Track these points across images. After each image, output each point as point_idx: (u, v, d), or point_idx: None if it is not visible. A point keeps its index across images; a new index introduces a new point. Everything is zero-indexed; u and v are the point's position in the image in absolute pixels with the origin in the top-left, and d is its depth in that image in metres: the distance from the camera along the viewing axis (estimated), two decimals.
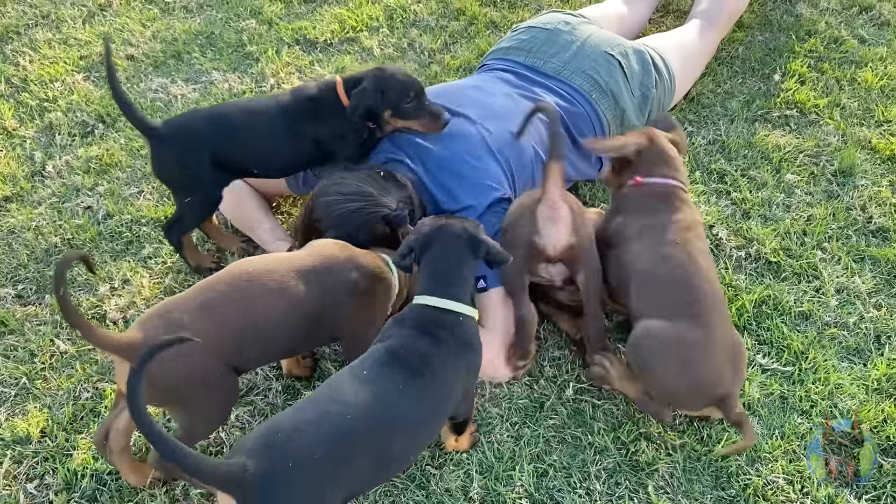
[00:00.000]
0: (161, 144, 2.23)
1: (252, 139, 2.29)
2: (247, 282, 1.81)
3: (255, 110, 2.31)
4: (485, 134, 2.32)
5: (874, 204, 2.68)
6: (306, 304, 1.85)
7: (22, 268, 2.54)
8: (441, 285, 1.78)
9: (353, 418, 1.53)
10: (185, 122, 2.29)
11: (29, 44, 3.43)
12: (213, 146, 2.25)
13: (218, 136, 2.26)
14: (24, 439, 2.10)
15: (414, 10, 3.56)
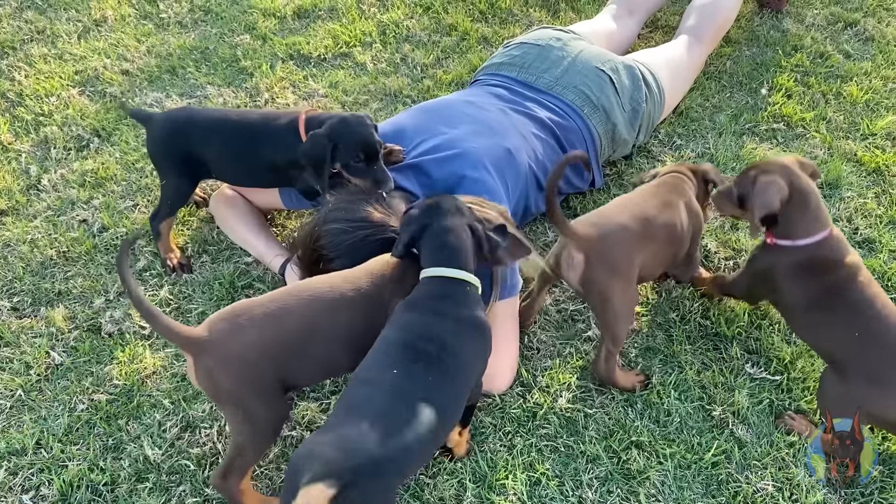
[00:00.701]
0: (151, 128, 2.48)
1: (221, 148, 2.41)
2: (309, 298, 1.82)
3: (235, 123, 2.41)
4: (480, 150, 2.34)
5: (860, 215, 2.73)
6: (365, 322, 1.84)
7: (17, 280, 2.55)
8: (446, 256, 1.80)
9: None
10: (177, 115, 2.50)
11: (24, 59, 3.45)
12: (189, 143, 2.42)
13: (194, 136, 2.42)
14: (19, 451, 2.10)
15: (406, 25, 3.61)
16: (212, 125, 2.42)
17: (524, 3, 3.74)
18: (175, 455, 2.09)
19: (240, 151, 2.39)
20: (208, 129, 2.41)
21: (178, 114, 2.51)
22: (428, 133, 2.40)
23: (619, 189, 2.83)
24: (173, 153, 2.44)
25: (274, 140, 2.35)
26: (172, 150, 2.44)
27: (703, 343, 2.35)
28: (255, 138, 2.37)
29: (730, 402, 2.18)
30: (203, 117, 2.46)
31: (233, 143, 2.39)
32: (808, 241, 2.07)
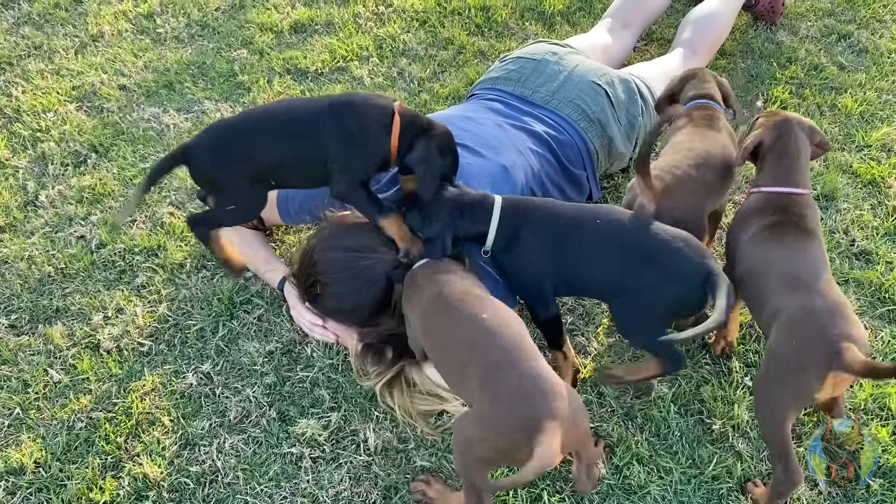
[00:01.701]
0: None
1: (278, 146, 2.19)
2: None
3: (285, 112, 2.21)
4: (474, 168, 2.33)
5: (856, 227, 2.74)
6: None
7: (15, 297, 2.54)
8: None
9: None
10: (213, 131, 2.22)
11: (21, 74, 3.46)
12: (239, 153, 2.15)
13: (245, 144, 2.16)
14: (17, 470, 2.10)
15: (403, 39, 3.62)
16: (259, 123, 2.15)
17: (520, 16, 3.76)
18: (175, 473, 2.09)
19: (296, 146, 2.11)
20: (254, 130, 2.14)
21: (215, 130, 2.19)
22: None
23: (617, 202, 2.84)
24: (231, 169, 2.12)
25: (354, 131, 2.08)
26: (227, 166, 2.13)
27: (701, 356, 2.36)
28: (316, 128, 2.08)
29: (729, 415, 2.18)
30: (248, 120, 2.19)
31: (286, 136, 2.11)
32: (773, 189, 2.10)
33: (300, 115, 2.11)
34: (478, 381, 1.73)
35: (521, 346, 1.76)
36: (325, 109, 2.08)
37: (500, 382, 1.69)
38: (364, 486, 2.07)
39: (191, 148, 2.12)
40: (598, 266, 2.03)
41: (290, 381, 2.30)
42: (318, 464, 2.11)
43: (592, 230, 2.05)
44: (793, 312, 1.85)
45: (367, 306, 2.15)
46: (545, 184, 2.51)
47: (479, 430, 1.71)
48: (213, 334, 2.42)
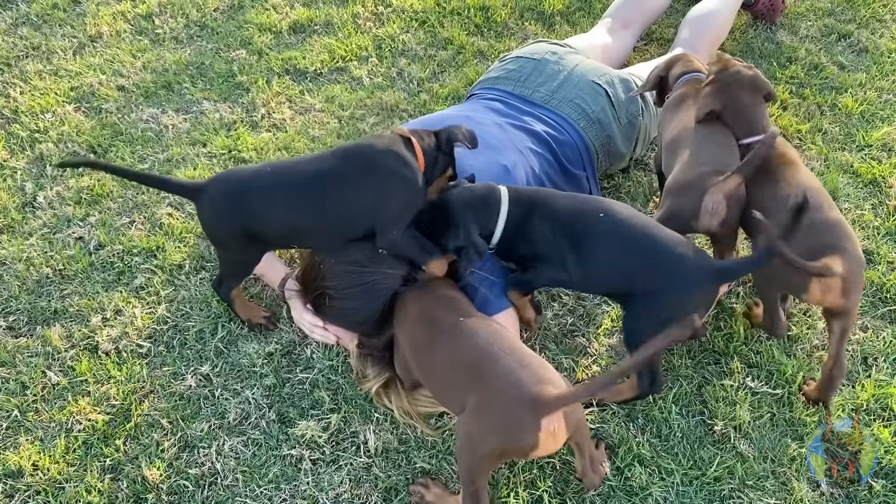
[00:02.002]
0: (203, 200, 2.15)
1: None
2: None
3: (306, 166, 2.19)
4: (476, 167, 2.32)
5: (857, 227, 2.73)
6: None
7: (13, 299, 2.53)
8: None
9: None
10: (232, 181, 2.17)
11: (19, 75, 3.44)
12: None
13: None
14: (15, 472, 2.08)
15: (402, 39, 3.61)
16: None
17: (519, 16, 3.75)
18: (174, 475, 2.08)
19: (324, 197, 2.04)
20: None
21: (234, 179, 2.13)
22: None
23: None
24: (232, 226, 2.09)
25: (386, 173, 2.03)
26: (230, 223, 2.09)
27: (703, 357, 2.35)
28: (344, 177, 2.04)
29: (731, 416, 2.17)
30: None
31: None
32: (743, 142, 2.31)
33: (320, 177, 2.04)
34: (468, 379, 1.79)
35: (502, 339, 1.84)
36: (343, 165, 2.05)
37: (489, 375, 1.76)
38: (364, 487, 2.05)
39: (203, 192, 2.10)
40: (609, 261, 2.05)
41: (289, 383, 2.29)
42: (318, 466, 2.10)
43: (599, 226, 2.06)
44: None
45: (374, 319, 2.15)
46: (545, 184, 2.50)
47: (480, 423, 1.73)
48: (213, 336, 2.41)
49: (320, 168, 2.05)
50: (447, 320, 1.94)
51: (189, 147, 3.07)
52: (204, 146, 3.08)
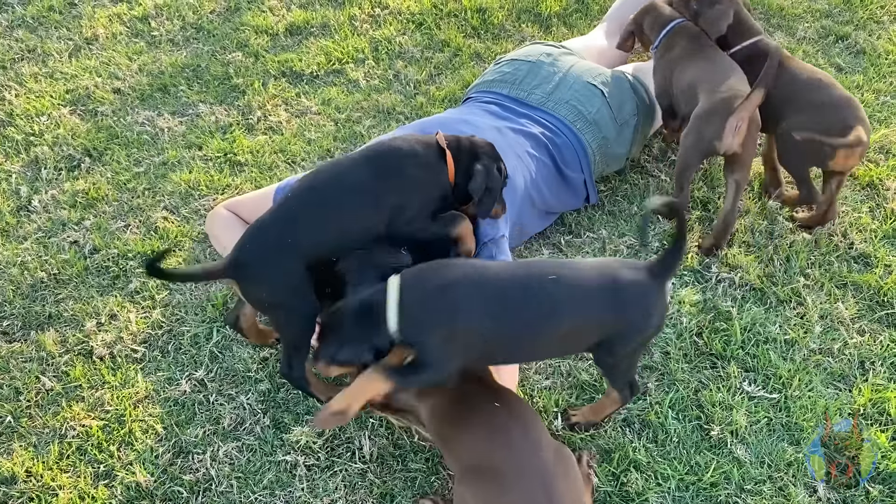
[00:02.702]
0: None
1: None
2: None
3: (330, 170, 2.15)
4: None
5: (855, 230, 2.72)
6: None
7: (7, 304, 2.52)
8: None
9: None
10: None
11: (15, 78, 3.43)
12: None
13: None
14: (9, 479, 2.08)
15: (399, 41, 3.60)
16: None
17: (516, 18, 3.74)
18: (168, 482, 2.07)
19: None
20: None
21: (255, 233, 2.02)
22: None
23: (614, 205, 2.82)
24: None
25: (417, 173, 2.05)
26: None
27: (699, 361, 2.34)
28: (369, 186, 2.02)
29: (728, 421, 2.17)
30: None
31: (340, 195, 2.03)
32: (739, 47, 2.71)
33: (346, 182, 2.02)
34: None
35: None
36: (368, 163, 2.04)
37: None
38: (359, 493, 2.04)
39: (238, 259, 1.99)
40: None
41: (284, 388, 2.28)
42: (313, 471, 2.09)
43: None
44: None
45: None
46: (542, 189, 2.49)
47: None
48: (207, 340, 2.40)
49: (346, 175, 2.05)
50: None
51: (185, 150, 3.06)
52: (200, 149, 3.07)
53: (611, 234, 2.71)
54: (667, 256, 1.81)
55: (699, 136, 2.47)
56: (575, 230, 2.74)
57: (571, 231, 2.74)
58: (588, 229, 2.74)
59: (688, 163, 2.54)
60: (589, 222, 2.77)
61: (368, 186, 2.00)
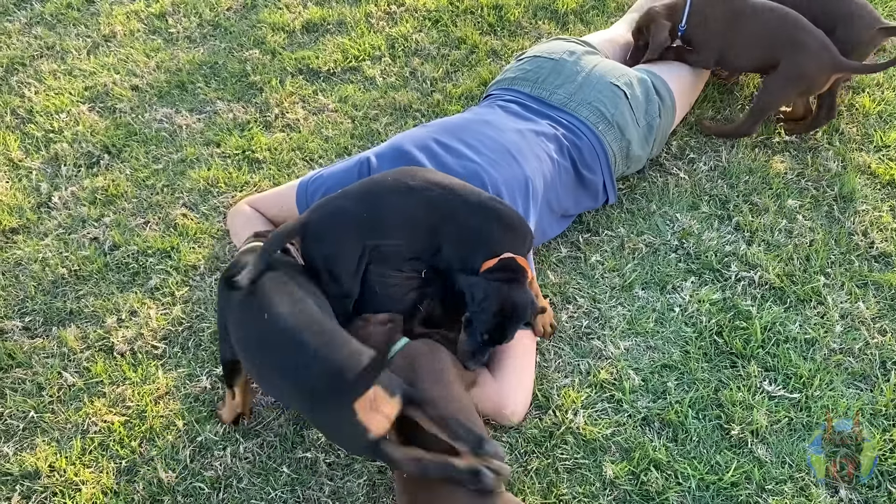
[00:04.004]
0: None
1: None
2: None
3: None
4: (500, 181, 2.29)
5: (875, 229, 2.70)
6: None
7: (29, 300, 2.54)
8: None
9: None
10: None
11: (34, 75, 3.45)
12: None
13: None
14: (32, 474, 2.10)
15: (415, 38, 3.60)
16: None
17: (533, 15, 3.73)
18: (189, 477, 2.08)
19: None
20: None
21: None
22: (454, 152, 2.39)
23: (632, 203, 2.82)
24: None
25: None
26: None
27: (719, 360, 2.33)
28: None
29: (748, 420, 2.16)
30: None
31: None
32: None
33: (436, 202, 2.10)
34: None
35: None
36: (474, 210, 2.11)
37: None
38: (380, 490, 2.05)
39: (310, 221, 2.09)
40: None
41: None
42: (334, 469, 2.10)
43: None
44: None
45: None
46: (559, 193, 2.49)
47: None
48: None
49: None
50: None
51: (203, 147, 3.07)
52: (218, 146, 3.08)
53: (629, 233, 2.70)
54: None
55: (807, 85, 2.84)
56: (593, 228, 2.74)
57: (590, 229, 2.73)
58: (606, 227, 2.73)
59: (780, 101, 2.94)
60: (607, 220, 2.76)
61: (452, 222, 2.09)
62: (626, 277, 2.55)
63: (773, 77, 2.86)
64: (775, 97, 2.90)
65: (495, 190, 2.25)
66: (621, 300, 2.50)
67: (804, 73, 2.80)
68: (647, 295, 2.51)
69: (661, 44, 3.00)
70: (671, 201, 2.81)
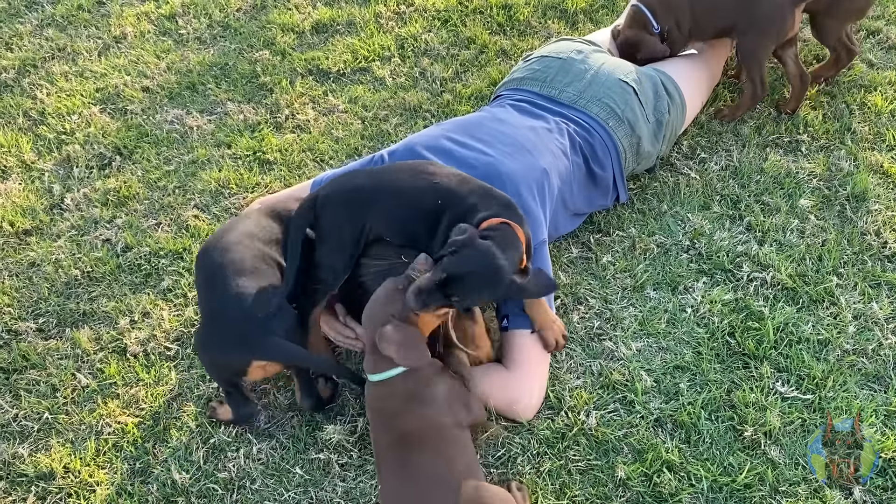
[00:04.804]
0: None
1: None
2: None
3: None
4: (518, 173, 2.28)
5: (888, 229, 2.69)
6: None
7: (42, 301, 2.56)
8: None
9: None
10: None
11: (46, 77, 3.47)
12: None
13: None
14: (47, 475, 2.11)
15: (425, 39, 3.60)
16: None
17: (542, 14, 3.73)
18: (203, 479, 2.09)
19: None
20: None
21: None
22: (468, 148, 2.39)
23: (643, 203, 2.81)
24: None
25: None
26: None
27: (732, 361, 2.32)
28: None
29: (761, 421, 2.15)
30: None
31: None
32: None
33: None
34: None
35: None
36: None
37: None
38: None
39: (318, 198, 2.16)
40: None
41: None
42: (347, 470, 2.11)
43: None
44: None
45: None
46: (573, 190, 2.48)
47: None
48: None
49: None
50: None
51: (214, 148, 3.08)
52: (229, 147, 3.09)
53: (640, 233, 2.70)
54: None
55: (776, 30, 2.88)
56: (604, 229, 2.73)
57: (601, 230, 2.73)
58: (617, 228, 2.73)
59: (765, 55, 2.98)
60: (618, 221, 2.76)
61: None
62: (637, 278, 2.55)
63: (743, 39, 2.95)
64: (756, 53, 2.97)
65: (512, 183, 2.24)
66: (633, 301, 2.49)
67: (767, 19, 2.87)
68: (659, 295, 2.51)
69: (664, 52, 3.02)
70: (682, 201, 2.80)
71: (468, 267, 1.83)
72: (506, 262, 1.86)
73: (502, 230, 1.92)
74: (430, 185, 2.08)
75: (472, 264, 1.83)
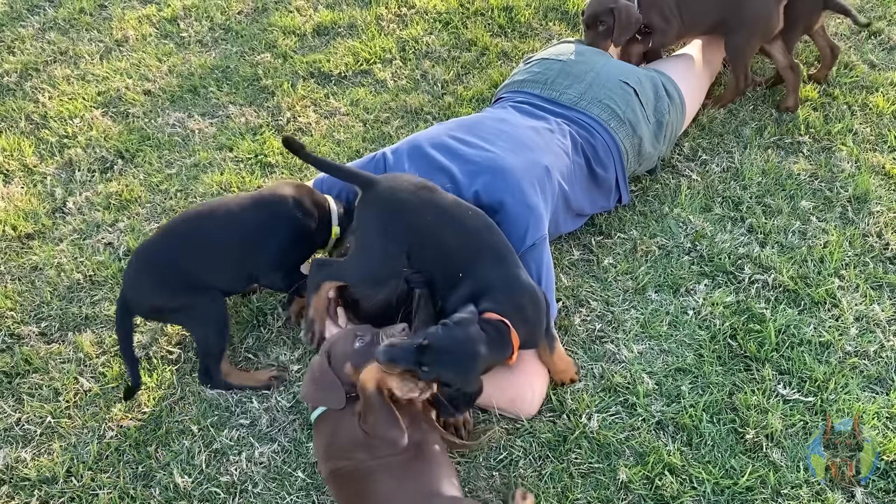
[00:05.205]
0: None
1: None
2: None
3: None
4: (518, 169, 2.29)
5: (890, 230, 2.69)
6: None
7: (45, 305, 2.56)
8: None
9: None
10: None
11: (48, 80, 3.48)
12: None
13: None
14: (49, 479, 2.11)
15: (426, 41, 3.60)
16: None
17: (543, 17, 3.73)
18: (205, 482, 2.09)
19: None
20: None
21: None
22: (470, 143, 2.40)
23: (644, 205, 2.81)
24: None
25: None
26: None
27: (733, 363, 2.32)
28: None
29: (763, 424, 2.15)
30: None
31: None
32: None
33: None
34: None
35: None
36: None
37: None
38: None
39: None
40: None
41: None
42: None
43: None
44: None
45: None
46: (576, 190, 2.48)
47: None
48: (241, 342, 2.42)
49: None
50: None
51: (216, 151, 3.09)
52: (230, 150, 3.10)
53: (642, 235, 2.70)
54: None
55: (763, 27, 2.95)
56: (605, 231, 2.73)
57: (602, 232, 2.73)
58: (619, 230, 2.73)
59: (751, 51, 3.07)
60: (620, 223, 2.75)
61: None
62: (638, 280, 2.55)
63: (731, 35, 3.00)
64: (744, 50, 3.03)
65: (513, 177, 2.25)
66: (634, 303, 2.49)
67: (756, 18, 2.93)
68: (661, 298, 2.51)
69: (638, 19, 2.95)
70: (684, 203, 2.80)
71: (451, 344, 1.81)
72: (486, 360, 1.86)
73: (501, 331, 1.91)
74: (466, 237, 2.05)
75: (455, 344, 1.82)
